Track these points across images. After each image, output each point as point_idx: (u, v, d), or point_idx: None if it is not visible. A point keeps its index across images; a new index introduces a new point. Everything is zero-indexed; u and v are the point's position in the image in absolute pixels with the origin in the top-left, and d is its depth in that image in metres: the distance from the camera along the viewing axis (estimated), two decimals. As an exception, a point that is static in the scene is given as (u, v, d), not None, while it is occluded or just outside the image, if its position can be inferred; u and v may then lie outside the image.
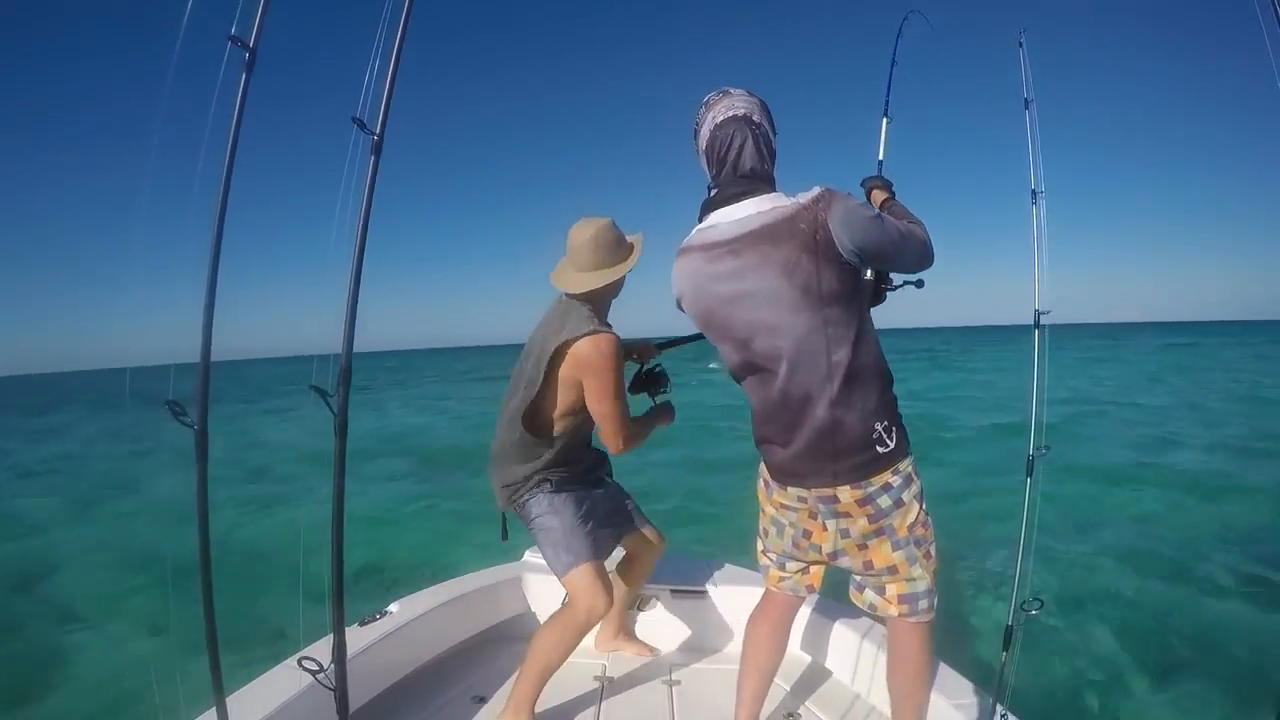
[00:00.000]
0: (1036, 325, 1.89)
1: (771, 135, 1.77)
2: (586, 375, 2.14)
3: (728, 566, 3.07)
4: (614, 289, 2.31)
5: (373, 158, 1.40)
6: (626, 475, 2.62)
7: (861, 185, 2.14)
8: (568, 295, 2.26)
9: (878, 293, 1.97)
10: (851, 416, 1.67)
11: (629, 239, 2.33)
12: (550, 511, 2.27)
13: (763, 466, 1.90)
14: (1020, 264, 2.03)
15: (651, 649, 2.80)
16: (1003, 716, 1.95)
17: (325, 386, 1.49)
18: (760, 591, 2.07)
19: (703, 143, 1.78)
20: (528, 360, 2.25)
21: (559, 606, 2.89)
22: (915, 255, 1.77)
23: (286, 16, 1.43)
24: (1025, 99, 2.00)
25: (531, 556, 3.14)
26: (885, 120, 2.39)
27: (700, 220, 1.80)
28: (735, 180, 1.72)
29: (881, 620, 1.97)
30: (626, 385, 2.30)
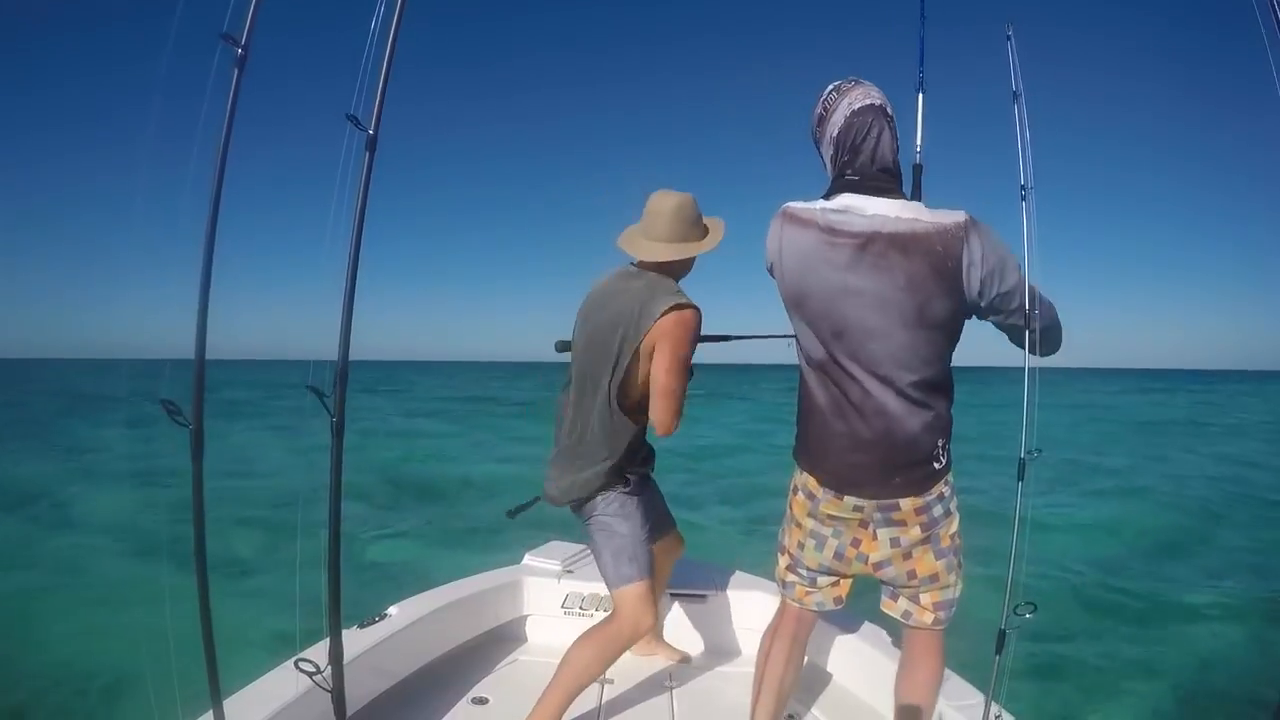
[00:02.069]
0: (1028, 327, 1.87)
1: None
2: (663, 342, 2.03)
3: (729, 570, 3.06)
4: (687, 266, 2.22)
5: (367, 154, 1.40)
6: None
7: None
8: (638, 264, 2.18)
9: None
10: (924, 433, 1.67)
11: (706, 221, 2.24)
12: (621, 515, 2.15)
13: (805, 478, 1.81)
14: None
15: (682, 653, 2.76)
16: (997, 717, 1.95)
17: (321, 388, 1.48)
18: (761, 595, 2.04)
19: (834, 129, 1.70)
20: (606, 337, 2.08)
21: (559, 609, 2.91)
22: (1050, 343, 1.72)
23: (278, 12, 1.43)
24: (1014, 92, 1.98)
25: (531, 560, 3.13)
26: (920, 95, 2.13)
27: (827, 199, 1.71)
28: (875, 174, 1.67)
29: (894, 626, 1.94)
30: None
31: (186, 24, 1.36)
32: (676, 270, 2.19)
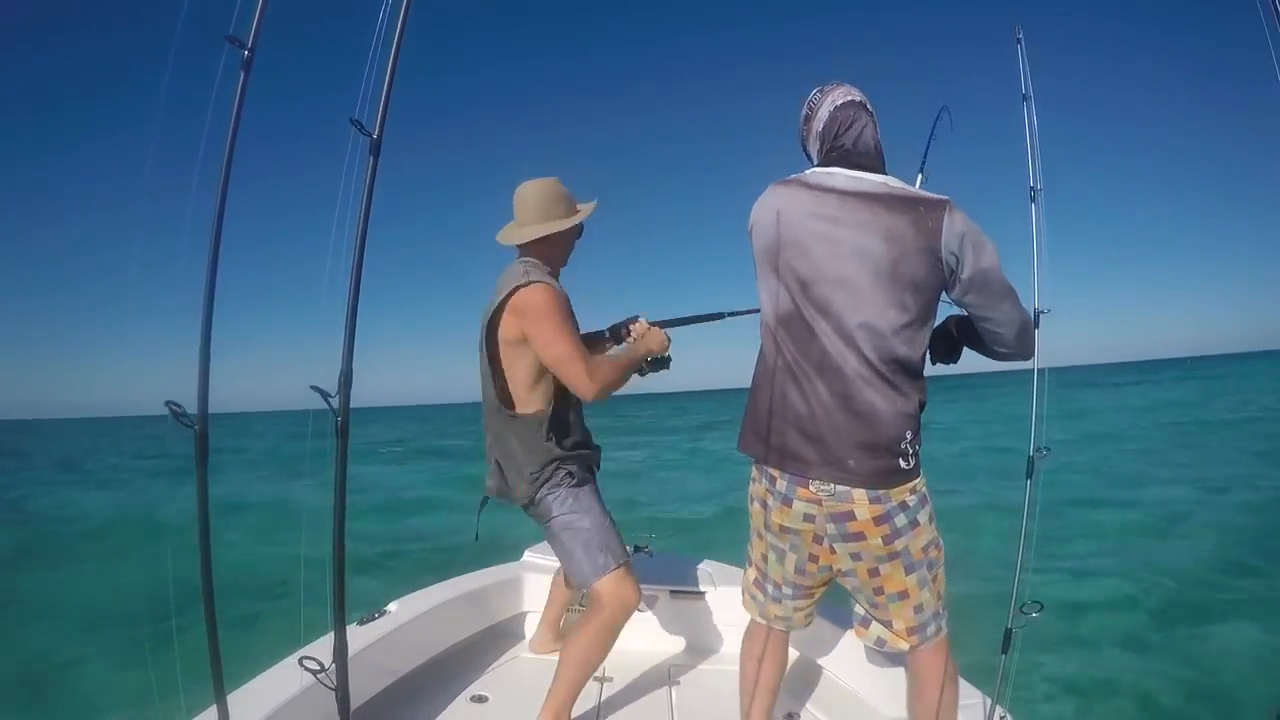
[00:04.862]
0: (1036, 325, 1.89)
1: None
2: (528, 326, 2.03)
3: (726, 567, 3.07)
4: (559, 247, 2.23)
5: (371, 158, 1.40)
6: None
7: None
8: (519, 254, 2.21)
9: (953, 347, 1.86)
10: (888, 412, 1.60)
11: (580, 205, 2.27)
12: (578, 510, 2.14)
13: (756, 487, 1.77)
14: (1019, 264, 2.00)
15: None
16: (1002, 718, 1.94)
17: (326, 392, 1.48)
18: None
19: (819, 124, 1.77)
20: (481, 326, 2.16)
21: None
22: (1013, 337, 1.71)
23: (284, 15, 1.43)
24: (1023, 94, 2.00)
25: (531, 556, 3.14)
26: (920, 176, 2.30)
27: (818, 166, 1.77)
28: (859, 155, 1.71)
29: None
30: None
31: (191, 26, 1.36)
32: (545, 254, 2.20)
